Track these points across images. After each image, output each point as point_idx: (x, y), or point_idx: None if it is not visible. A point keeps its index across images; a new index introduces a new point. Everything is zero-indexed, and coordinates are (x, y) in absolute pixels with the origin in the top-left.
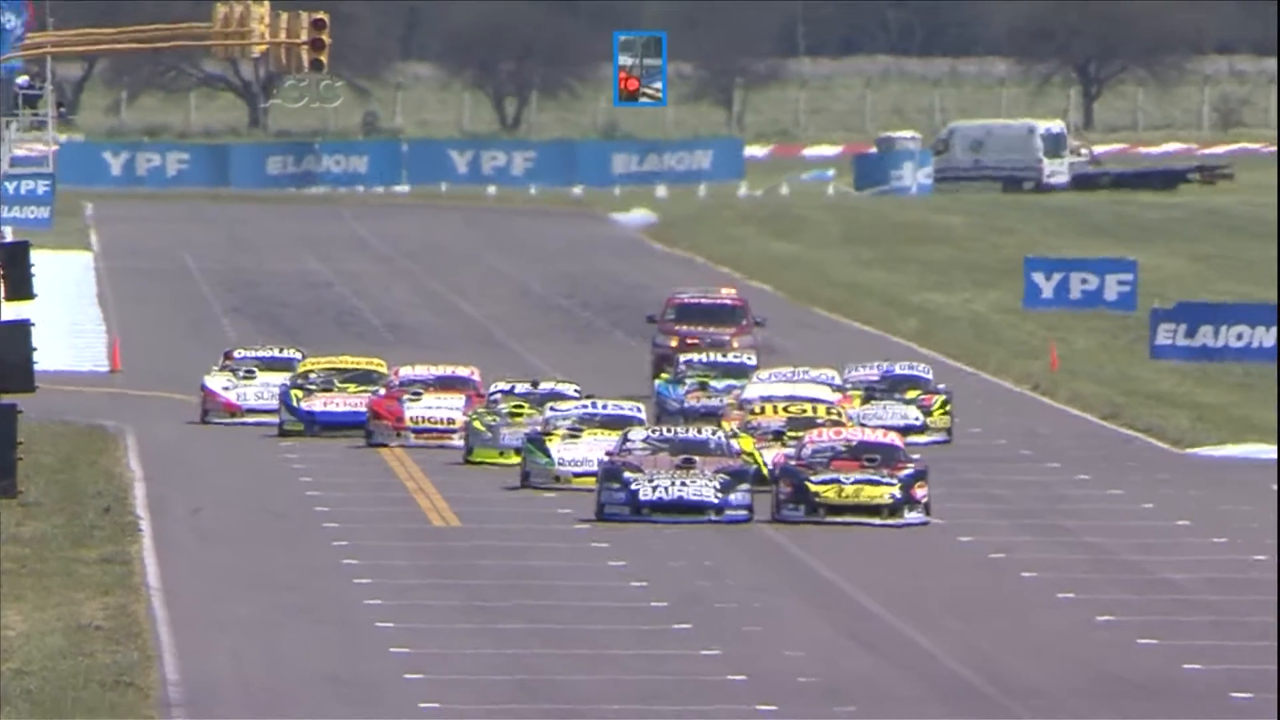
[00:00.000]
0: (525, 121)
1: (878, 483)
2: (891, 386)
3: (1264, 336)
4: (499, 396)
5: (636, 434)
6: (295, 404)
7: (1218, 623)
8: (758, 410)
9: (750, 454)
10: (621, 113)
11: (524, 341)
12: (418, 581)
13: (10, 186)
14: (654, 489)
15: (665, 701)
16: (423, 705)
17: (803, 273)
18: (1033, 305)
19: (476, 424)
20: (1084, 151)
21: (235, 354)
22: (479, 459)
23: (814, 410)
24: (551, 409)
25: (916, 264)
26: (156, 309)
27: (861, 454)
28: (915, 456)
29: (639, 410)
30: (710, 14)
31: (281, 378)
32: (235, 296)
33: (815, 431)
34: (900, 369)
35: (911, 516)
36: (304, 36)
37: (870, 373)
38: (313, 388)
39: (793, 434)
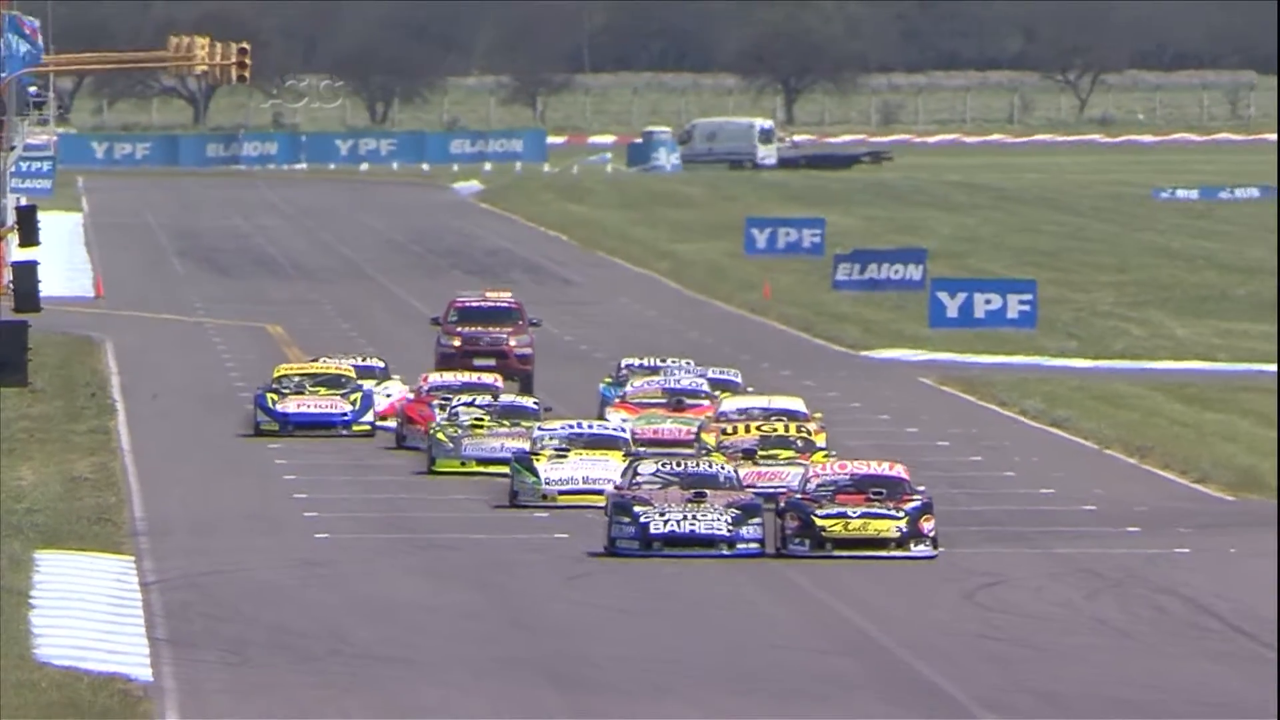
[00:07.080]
0: (390, 118)
1: (884, 516)
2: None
3: (913, 272)
4: (460, 409)
5: (646, 467)
6: (271, 406)
7: None
8: (730, 430)
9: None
10: (459, 110)
11: (388, 276)
12: (315, 447)
13: (24, 165)
14: (665, 522)
15: (499, 531)
16: (317, 536)
17: (589, 228)
18: (751, 253)
19: (439, 435)
20: (787, 141)
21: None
22: (441, 469)
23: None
24: (539, 428)
25: (668, 223)
26: (128, 253)
27: (867, 487)
28: (921, 488)
29: (624, 430)
30: (522, 40)
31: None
32: (183, 244)
33: (820, 465)
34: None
35: (918, 550)
36: (233, 59)
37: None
38: (286, 391)
39: (764, 452)
